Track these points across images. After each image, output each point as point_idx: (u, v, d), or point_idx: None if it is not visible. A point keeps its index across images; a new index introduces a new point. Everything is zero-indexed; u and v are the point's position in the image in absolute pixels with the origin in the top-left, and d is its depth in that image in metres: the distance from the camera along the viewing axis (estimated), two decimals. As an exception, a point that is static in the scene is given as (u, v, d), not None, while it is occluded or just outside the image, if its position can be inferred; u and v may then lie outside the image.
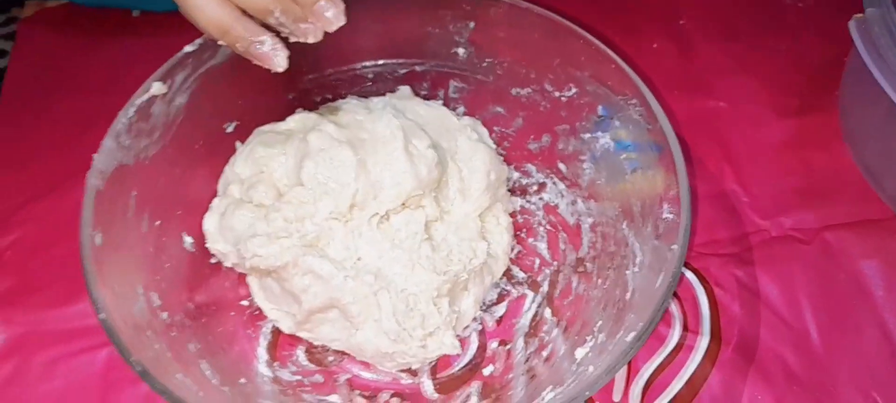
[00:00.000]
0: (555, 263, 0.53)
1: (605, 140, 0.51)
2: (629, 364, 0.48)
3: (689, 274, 0.52)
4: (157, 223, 0.47)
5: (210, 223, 0.48)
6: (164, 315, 0.44)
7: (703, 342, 0.49)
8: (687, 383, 0.47)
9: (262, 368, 0.48)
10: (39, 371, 0.49)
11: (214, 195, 0.50)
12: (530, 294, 0.52)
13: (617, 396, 0.47)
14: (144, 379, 0.36)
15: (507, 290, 0.52)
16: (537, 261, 0.53)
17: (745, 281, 0.52)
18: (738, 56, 0.67)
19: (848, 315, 0.50)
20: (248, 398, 0.44)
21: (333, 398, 0.46)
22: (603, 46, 0.48)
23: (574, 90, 0.52)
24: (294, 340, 0.49)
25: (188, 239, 0.49)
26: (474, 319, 0.50)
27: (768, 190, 0.57)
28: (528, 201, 0.56)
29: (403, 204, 0.47)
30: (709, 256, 0.53)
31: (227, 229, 0.47)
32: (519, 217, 0.56)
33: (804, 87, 0.64)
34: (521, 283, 0.52)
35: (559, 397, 0.37)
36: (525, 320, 0.50)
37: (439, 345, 0.46)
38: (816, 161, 0.59)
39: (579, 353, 0.42)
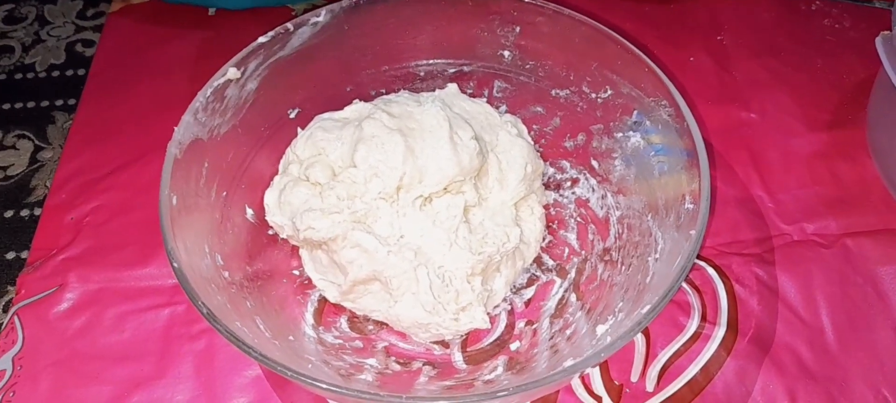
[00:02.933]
0: (583, 252, 0.56)
1: (636, 139, 0.54)
2: (648, 348, 0.51)
3: (710, 270, 0.55)
4: (224, 194, 0.52)
5: (270, 197, 0.53)
6: (226, 274, 0.48)
7: (719, 332, 0.51)
8: (702, 369, 0.50)
9: (308, 330, 0.52)
10: (110, 324, 0.53)
11: (275, 173, 0.55)
12: (558, 280, 0.55)
13: (634, 377, 0.50)
14: (209, 321, 0.40)
15: (536, 275, 0.55)
16: (566, 250, 0.56)
17: (764, 279, 0.54)
18: (773, 71, 0.69)
19: (863, 315, 0.52)
20: (295, 352, 0.48)
21: (371, 361, 0.50)
22: (637, 51, 0.52)
23: (609, 92, 0.55)
24: (338, 309, 0.53)
25: (249, 211, 0.54)
26: (504, 299, 0.54)
27: (793, 197, 0.59)
28: (561, 195, 0.60)
29: (445, 188, 0.50)
30: (731, 255, 0.56)
31: (285, 204, 0.51)
32: (552, 209, 0.59)
33: (836, 103, 0.66)
34: (550, 270, 0.56)
35: (578, 363, 0.40)
36: (551, 303, 0.53)
37: (471, 320, 0.49)
38: (842, 172, 0.61)
39: (600, 330, 0.45)
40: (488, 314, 0.51)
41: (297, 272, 0.55)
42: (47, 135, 0.68)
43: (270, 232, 0.54)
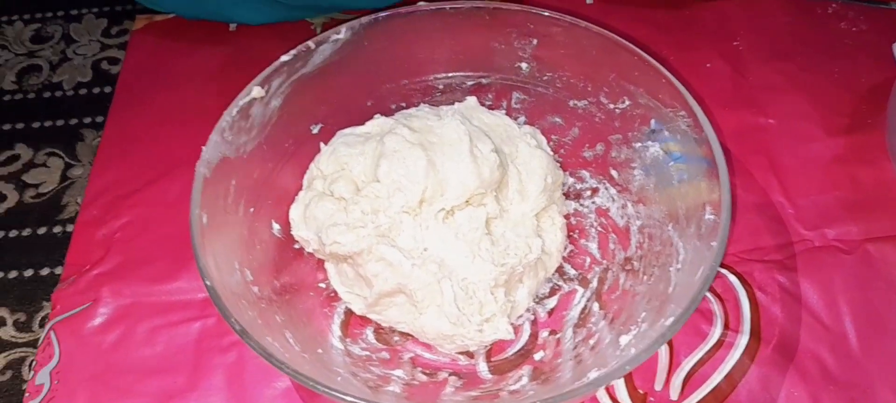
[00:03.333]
0: (604, 262, 0.56)
1: (655, 149, 0.54)
2: (671, 357, 0.52)
3: (732, 277, 0.55)
4: (251, 209, 0.53)
5: (296, 212, 0.54)
6: (256, 289, 0.49)
7: (743, 340, 0.52)
8: (726, 377, 0.50)
9: (336, 342, 0.53)
10: (142, 338, 0.55)
11: (300, 188, 0.56)
12: (580, 289, 0.55)
13: (658, 385, 0.50)
14: (242, 337, 0.42)
15: (558, 285, 0.56)
16: (588, 260, 0.57)
17: (786, 286, 0.54)
18: (789, 76, 0.69)
19: (886, 320, 0.52)
20: (324, 365, 0.49)
21: (398, 372, 0.51)
22: (655, 62, 0.52)
23: (627, 102, 0.56)
24: (364, 321, 0.54)
25: (276, 226, 0.55)
26: (527, 310, 0.54)
27: (813, 202, 0.59)
28: (581, 204, 0.60)
29: (467, 201, 0.51)
30: (752, 262, 0.56)
31: (310, 218, 0.53)
32: (572, 219, 0.59)
33: (855, 107, 0.66)
34: (572, 279, 0.56)
35: (603, 375, 0.41)
36: (574, 312, 0.54)
37: (495, 330, 0.50)
38: (862, 176, 0.61)
39: (624, 340, 0.46)
40: (512, 324, 0.52)
41: (323, 285, 0.56)
42: (77, 152, 0.70)
43: (296, 246, 0.55)
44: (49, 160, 0.70)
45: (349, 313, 0.55)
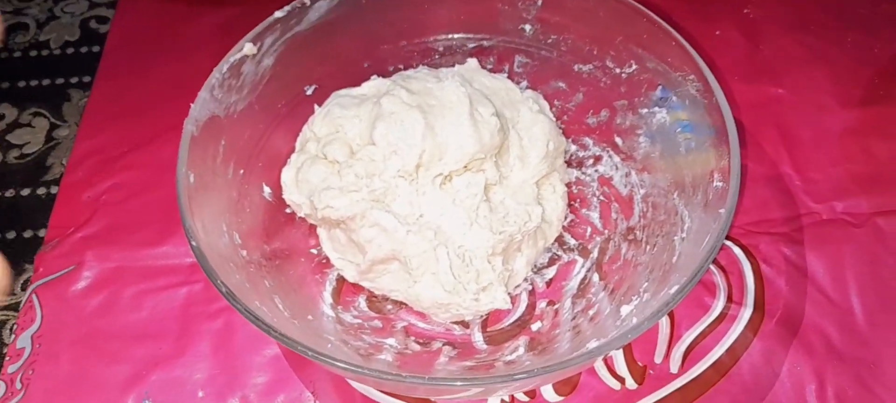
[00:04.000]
0: (606, 231, 0.55)
1: (662, 115, 0.52)
2: (672, 330, 0.50)
3: (737, 249, 0.53)
4: (241, 172, 0.51)
5: (287, 175, 0.52)
6: (244, 252, 0.48)
7: (746, 313, 0.50)
8: (728, 350, 0.49)
9: (327, 310, 0.51)
10: (128, 302, 0.53)
11: (292, 151, 0.54)
12: (580, 259, 0.54)
13: (658, 358, 0.49)
14: (229, 300, 0.40)
15: (558, 255, 0.54)
16: (589, 229, 0.56)
17: (792, 259, 0.53)
18: (804, 46, 0.67)
19: (893, 295, 0.51)
20: (314, 332, 0.48)
21: (390, 341, 0.50)
22: (664, 24, 0.50)
23: (634, 67, 0.54)
24: (357, 288, 0.53)
25: (267, 190, 0.53)
26: (525, 279, 0.53)
27: (823, 175, 0.58)
28: (583, 173, 0.58)
29: (466, 166, 0.49)
30: (759, 234, 0.55)
31: (302, 182, 0.51)
32: (574, 188, 0.58)
33: (870, 80, 0.64)
34: (572, 250, 0.55)
35: (603, 344, 0.39)
36: (573, 283, 0.52)
37: (491, 300, 0.49)
38: (876, 149, 0.59)
39: (624, 310, 0.44)
40: (509, 294, 0.50)
41: (315, 251, 0.55)
42: (63, 112, 0.68)
43: (288, 210, 0.53)
44: (34, 120, 0.68)
45: (341, 280, 0.53)
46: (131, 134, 0.63)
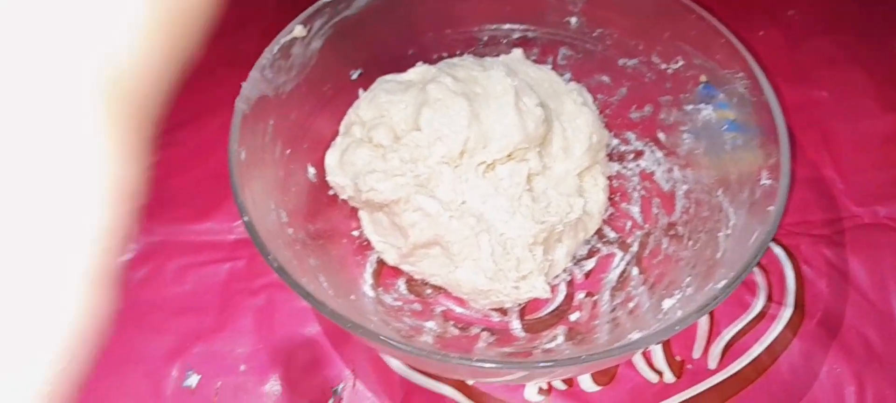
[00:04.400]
0: (646, 226, 0.55)
1: (707, 112, 0.52)
2: (712, 326, 0.50)
3: (778, 249, 0.53)
4: (288, 151, 0.51)
5: (332, 158, 0.53)
6: (290, 231, 0.48)
7: (786, 313, 0.50)
8: (767, 349, 0.49)
9: (368, 291, 0.52)
10: (171, 276, 0.54)
11: (336, 134, 0.55)
12: (620, 253, 0.54)
13: (697, 353, 0.49)
14: (280, 275, 0.40)
15: (597, 248, 0.55)
16: (629, 223, 0.56)
17: (833, 261, 0.53)
18: (845, 48, 0.67)
19: (936, 302, 0.51)
20: (358, 311, 0.48)
21: (430, 324, 0.50)
22: (713, 20, 0.50)
23: (681, 63, 0.54)
24: (396, 272, 0.53)
25: (311, 170, 0.54)
26: (564, 270, 0.53)
27: (865, 178, 0.58)
28: (624, 167, 0.58)
29: (509, 155, 0.50)
30: (800, 235, 0.54)
31: (347, 164, 0.51)
32: (614, 181, 0.58)
33: (914, 83, 0.64)
34: (611, 243, 0.55)
35: (647, 336, 0.40)
36: (613, 275, 0.53)
37: (531, 288, 0.49)
38: (918, 155, 0.59)
39: (667, 304, 0.45)
40: (548, 284, 0.50)
41: (356, 233, 0.55)
42: (108, 89, 0.69)
43: (331, 192, 0.54)
44: (81, 95, 0.69)
45: (381, 263, 0.54)
46: (177, 110, 0.63)
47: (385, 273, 0.54)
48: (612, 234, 0.55)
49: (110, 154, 0.20)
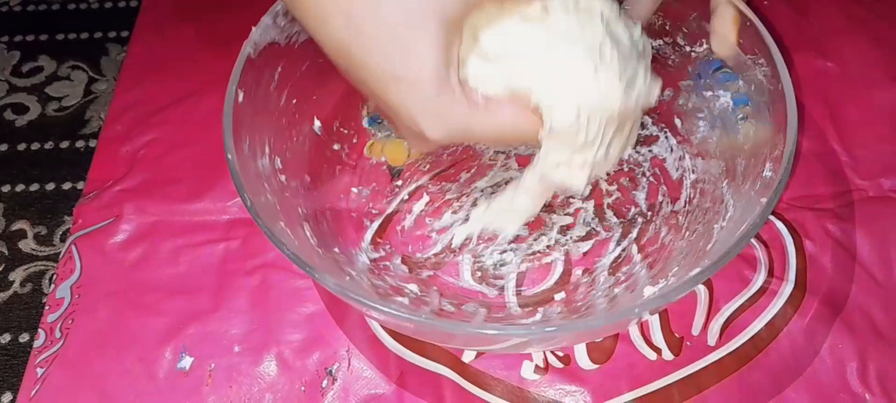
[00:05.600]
0: (649, 213, 0.54)
1: (725, 99, 0.51)
2: (711, 302, 0.49)
3: (780, 224, 0.52)
4: (294, 101, 0.51)
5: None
6: (283, 178, 0.48)
7: (787, 288, 0.49)
8: (767, 325, 0.48)
9: (363, 258, 0.51)
10: (165, 257, 0.54)
11: (347, 90, 0.52)
12: (618, 236, 0.53)
13: (696, 330, 0.48)
14: (253, 217, 0.39)
15: (596, 230, 0.53)
16: (632, 209, 0.54)
17: (837, 236, 0.52)
18: (854, 18, 0.65)
19: (942, 277, 0.50)
20: (338, 266, 0.47)
21: (426, 298, 0.49)
22: (741, 4, 0.47)
23: (705, 46, 0.52)
24: (393, 246, 0.52)
25: (317, 123, 0.53)
26: (559, 244, 0.52)
27: (871, 151, 0.56)
28: (637, 151, 0.57)
29: None
30: (804, 209, 0.53)
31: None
32: (624, 166, 0.56)
33: (924, 54, 0.62)
34: (611, 227, 0.54)
35: (642, 303, 0.39)
36: (608, 259, 0.52)
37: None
38: (925, 129, 0.57)
39: (660, 284, 0.44)
40: (542, 264, 0.50)
41: (355, 190, 0.55)
42: (101, 66, 0.68)
43: (335, 147, 0.54)
44: (73, 73, 0.68)
45: (379, 231, 0.54)
46: (169, 89, 0.63)
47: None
48: (614, 219, 0.54)
49: None
